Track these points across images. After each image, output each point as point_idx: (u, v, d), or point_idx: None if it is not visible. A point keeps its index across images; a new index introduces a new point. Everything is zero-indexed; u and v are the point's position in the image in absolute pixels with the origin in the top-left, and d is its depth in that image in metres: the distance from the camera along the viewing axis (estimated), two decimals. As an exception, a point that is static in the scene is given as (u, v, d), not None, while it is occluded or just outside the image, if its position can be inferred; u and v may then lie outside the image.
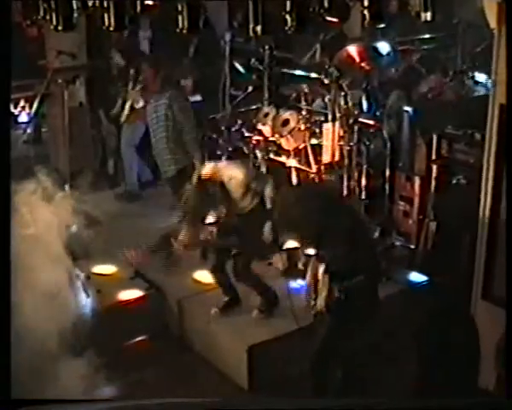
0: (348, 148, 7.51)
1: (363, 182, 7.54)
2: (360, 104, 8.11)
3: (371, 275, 5.37)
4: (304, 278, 5.61)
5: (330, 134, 7.49)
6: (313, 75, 8.46)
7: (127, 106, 8.74)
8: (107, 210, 7.71)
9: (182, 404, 3.49)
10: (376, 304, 5.57)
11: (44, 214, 5.88)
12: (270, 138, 7.86)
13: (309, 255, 5.50)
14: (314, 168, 7.63)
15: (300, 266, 5.60)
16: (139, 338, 6.59)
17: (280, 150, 7.86)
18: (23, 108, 8.87)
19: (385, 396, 5.40)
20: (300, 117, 7.74)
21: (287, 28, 5.61)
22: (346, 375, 5.69)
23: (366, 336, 5.53)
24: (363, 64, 8.26)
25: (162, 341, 6.69)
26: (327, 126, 7.55)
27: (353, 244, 5.21)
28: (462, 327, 3.42)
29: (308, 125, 7.72)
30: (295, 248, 5.78)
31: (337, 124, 7.48)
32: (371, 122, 7.82)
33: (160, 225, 7.27)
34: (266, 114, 7.96)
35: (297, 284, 6.23)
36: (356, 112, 7.68)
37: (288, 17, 5.56)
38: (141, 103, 8.53)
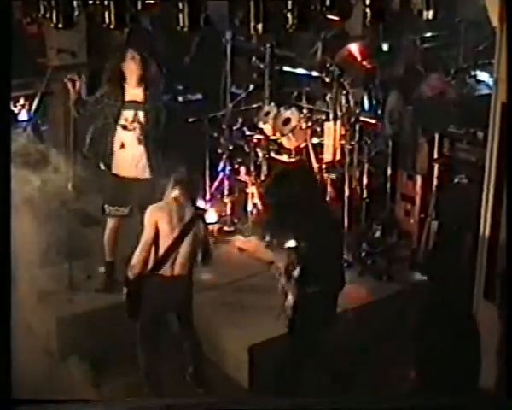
0: (350, 146, 7.48)
1: (365, 181, 7.52)
2: (362, 103, 8.10)
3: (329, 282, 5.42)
4: None
5: (332, 133, 7.47)
6: (314, 74, 8.44)
7: None
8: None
9: (182, 404, 3.47)
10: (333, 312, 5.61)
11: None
12: (272, 137, 7.85)
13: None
14: (315, 167, 7.61)
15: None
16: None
17: (281, 149, 7.84)
18: (23, 106, 8.84)
19: (385, 396, 5.39)
20: (302, 116, 7.73)
21: (288, 26, 5.59)
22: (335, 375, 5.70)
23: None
24: (364, 63, 8.24)
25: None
26: (328, 125, 7.54)
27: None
28: (463, 327, 3.39)
29: (309, 123, 7.70)
30: (295, 247, 5.77)
31: (338, 122, 7.46)
32: (373, 121, 7.81)
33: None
34: (267, 113, 7.94)
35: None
36: (357, 110, 7.66)
37: (289, 15, 5.54)
38: None
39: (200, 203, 8.25)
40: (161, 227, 5.68)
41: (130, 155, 6.83)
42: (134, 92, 6.83)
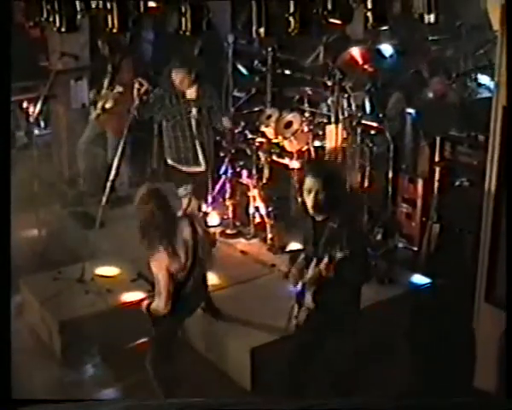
0: (351, 150, 7.50)
1: (366, 184, 7.53)
2: (363, 106, 8.11)
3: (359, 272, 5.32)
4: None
5: (333, 136, 7.48)
6: (316, 77, 8.46)
7: (99, 105, 8.69)
8: (108, 212, 7.73)
9: (182, 404, 3.49)
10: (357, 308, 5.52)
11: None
12: (274, 140, 7.86)
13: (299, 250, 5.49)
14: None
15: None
16: (141, 340, 6.58)
17: (283, 152, 7.85)
18: (26, 109, 8.87)
19: (384, 396, 5.40)
20: (303, 119, 7.74)
21: (290, 30, 5.61)
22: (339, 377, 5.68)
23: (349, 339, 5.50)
24: (366, 66, 8.25)
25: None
26: (330, 128, 7.55)
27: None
28: (463, 329, 3.42)
29: (311, 127, 7.71)
30: (298, 251, 5.77)
31: (340, 126, 7.48)
32: (374, 124, 7.82)
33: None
34: (269, 116, 7.95)
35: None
36: (359, 114, 7.67)
37: (291, 19, 5.56)
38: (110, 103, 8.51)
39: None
40: (172, 268, 5.50)
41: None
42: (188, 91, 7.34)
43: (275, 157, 7.92)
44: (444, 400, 3.19)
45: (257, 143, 7.94)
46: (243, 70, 9.58)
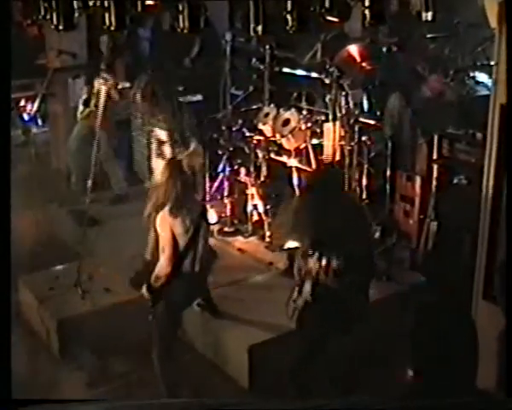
0: (349, 147, 7.50)
1: (364, 182, 7.54)
2: (361, 104, 8.11)
3: (363, 270, 5.32)
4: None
5: (331, 134, 7.47)
6: (314, 75, 8.45)
7: (92, 102, 8.69)
8: (105, 210, 7.74)
9: (182, 404, 3.48)
10: (366, 304, 5.51)
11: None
12: (271, 138, 7.86)
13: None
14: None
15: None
16: (139, 338, 6.58)
17: (281, 150, 7.85)
18: (24, 107, 8.86)
19: (383, 396, 5.39)
20: (301, 117, 7.73)
21: (288, 28, 5.61)
22: (339, 375, 5.67)
23: (355, 335, 5.49)
24: (363, 64, 8.26)
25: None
26: (328, 126, 7.54)
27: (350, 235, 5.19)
28: (462, 328, 3.41)
29: (309, 124, 7.71)
30: (296, 248, 5.77)
31: (338, 124, 7.47)
32: (372, 122, 7.82)
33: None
34: (267, 114, 7.95)
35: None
36: (357, 112, 7.67)
37: (288, 17, 5.56)
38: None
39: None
40: (176, 231, 5.63)
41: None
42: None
43: (273, 155, 7.93)
44: (443, 399, 3.17)
45: (255, 141, 7.95)
46: (241, 68, 9.58)
